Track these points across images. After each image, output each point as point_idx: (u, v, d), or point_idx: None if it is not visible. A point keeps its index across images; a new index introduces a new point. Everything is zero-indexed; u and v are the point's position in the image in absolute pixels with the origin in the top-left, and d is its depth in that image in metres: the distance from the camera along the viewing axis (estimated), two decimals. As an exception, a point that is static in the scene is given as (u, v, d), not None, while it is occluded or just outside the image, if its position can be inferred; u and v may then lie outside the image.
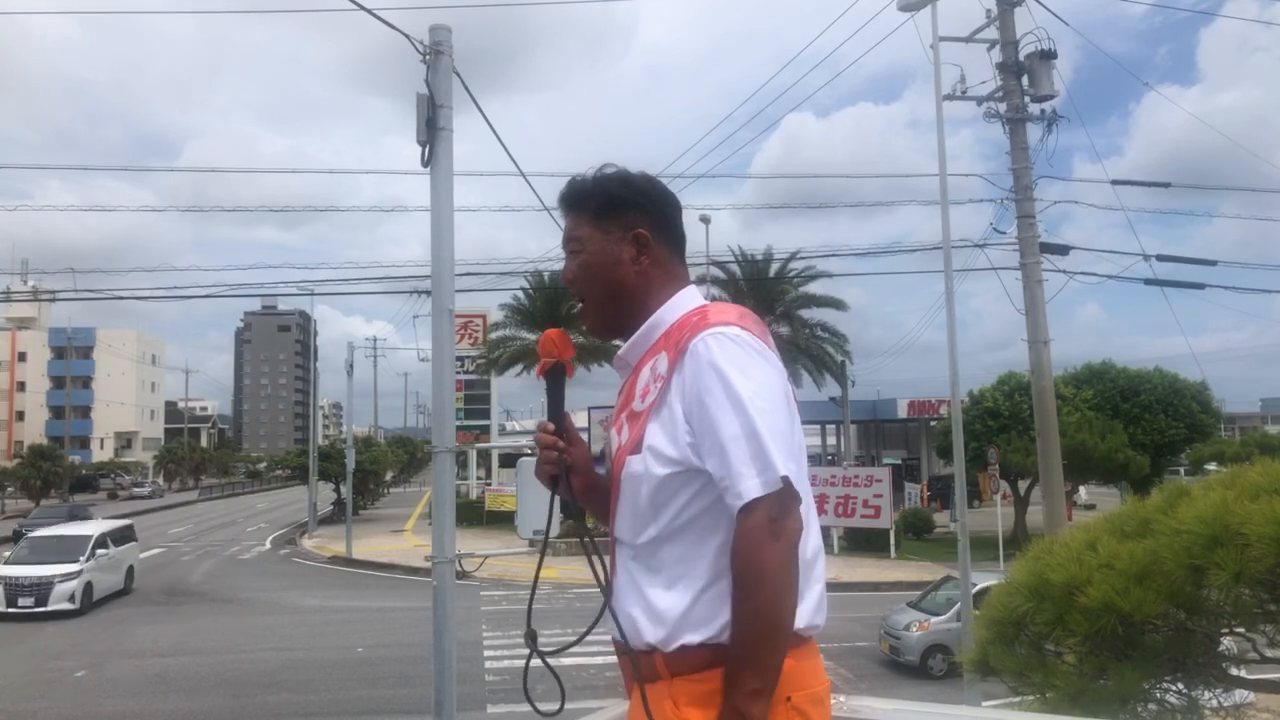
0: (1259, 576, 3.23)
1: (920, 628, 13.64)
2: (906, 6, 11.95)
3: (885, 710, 1.75)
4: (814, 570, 1.55)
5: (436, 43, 5.18)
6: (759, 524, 1.41)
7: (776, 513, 1.42)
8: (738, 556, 1.43)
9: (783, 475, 1.42)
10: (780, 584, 1.40)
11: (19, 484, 53.43)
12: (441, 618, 5.07)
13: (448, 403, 5.37)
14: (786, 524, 1.42)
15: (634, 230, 1.68)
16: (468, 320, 39.82)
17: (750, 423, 1.45)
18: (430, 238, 5.31)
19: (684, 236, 1.77)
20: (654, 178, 1.76)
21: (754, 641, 1.40)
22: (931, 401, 39.80)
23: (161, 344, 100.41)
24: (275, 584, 23.22)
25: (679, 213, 1.76)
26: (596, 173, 1.74)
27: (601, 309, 1.72)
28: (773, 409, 1.48)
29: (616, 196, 1.70)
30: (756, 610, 1.40)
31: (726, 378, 1.48)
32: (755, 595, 1.40)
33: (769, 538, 1.40)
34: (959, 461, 11.99)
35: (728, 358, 1.50)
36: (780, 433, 1.47)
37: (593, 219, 1.70)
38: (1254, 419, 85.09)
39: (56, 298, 23.87)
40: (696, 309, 1.64)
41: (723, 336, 1.53)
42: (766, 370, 1.52)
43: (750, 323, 1.60)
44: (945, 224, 11.92)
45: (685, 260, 1.77)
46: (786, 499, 1.43)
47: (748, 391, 1.47)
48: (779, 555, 1.40)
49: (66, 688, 12.80)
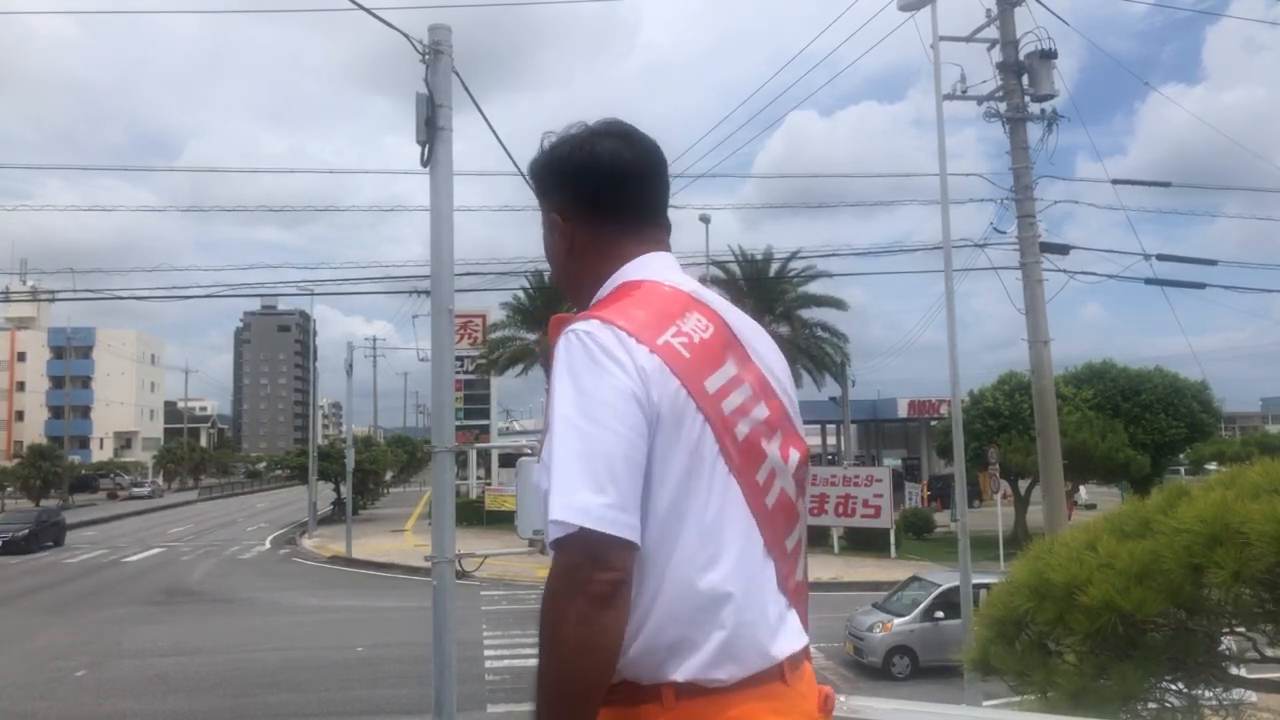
0: (1259, 576, 3.23)
1: (883, 629, 13.57)
2: (906, 6, 11.95)
3: (885, 710, 1.75)
4: (716, 615, 1.29)
5: (436, 42, 5.18)
6: (560, 571, 1.21)
7: (579, 559, 1.19)
8: (542, 603, 1.22)
9: (585, 515, 1.19)
10: (578, 643, 1.18)
11: (19, 484, 53.46)
12: (441, 618, 5.07)
13: (447, 403, 5.37)
14: (591, 575, 1.18)
15: (552, 214, 1.54)
16: (467, 320, 39.80)
17: (565, 446, 1.23)
18: (430, 237, 5.32)
19: (632, 198, 1.52)
20: (585, 139, 1.52)
21: (545, 699, 1.22)
22: (932, 401, 39.84)
23: (161, 344, 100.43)
24: (275, 584, 23.21)
25: (614, 175, 1.49)
26: (544, 145, 1.57)
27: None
28: (597, 428, 1.23)
29: (538, 179, 1.57)
30: (547, 666, 1.21)
31: (556, 389, 1.29)
32: (548, 650, 1.20)
33: (568, 589, 1.19)
34: (959, 461, 11.99)
35: (566, 365, 1.30)
36: (606, 456, 1.22)
37: (538, 203, 1.59)
38: (1254, 419, 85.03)
39: (56, 298, 23.91)
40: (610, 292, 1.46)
41: (572, 338, 1.32)
42: (601, 377, 1.27)
43: (627, 312, 1.35)
44: (945, 224, 11.94)
45: (647, 221, 1.53)
46: (595, 544, 1.19)
47: (568, 407, 1.26)
48: (577, 611, 1.18)
49: (66, 688, 12.79)
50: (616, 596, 1.21)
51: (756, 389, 1.43)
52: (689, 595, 1.29)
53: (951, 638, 11.55)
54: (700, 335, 1.38)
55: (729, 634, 1.30)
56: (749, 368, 1.44)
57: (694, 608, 1.29)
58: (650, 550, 1.28)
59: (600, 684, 1.23)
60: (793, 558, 1.44)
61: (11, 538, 30.32)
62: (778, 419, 1.44)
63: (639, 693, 1.30)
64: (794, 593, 1.44)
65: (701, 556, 1.30)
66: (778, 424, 1.44)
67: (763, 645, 1.33)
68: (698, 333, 1.38)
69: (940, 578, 14.76)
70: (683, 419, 1.31)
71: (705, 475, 1.32)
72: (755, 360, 1.46)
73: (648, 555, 1.28)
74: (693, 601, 1.29)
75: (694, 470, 1.31)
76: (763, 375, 1.45)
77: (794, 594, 1.44)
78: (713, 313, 1.44)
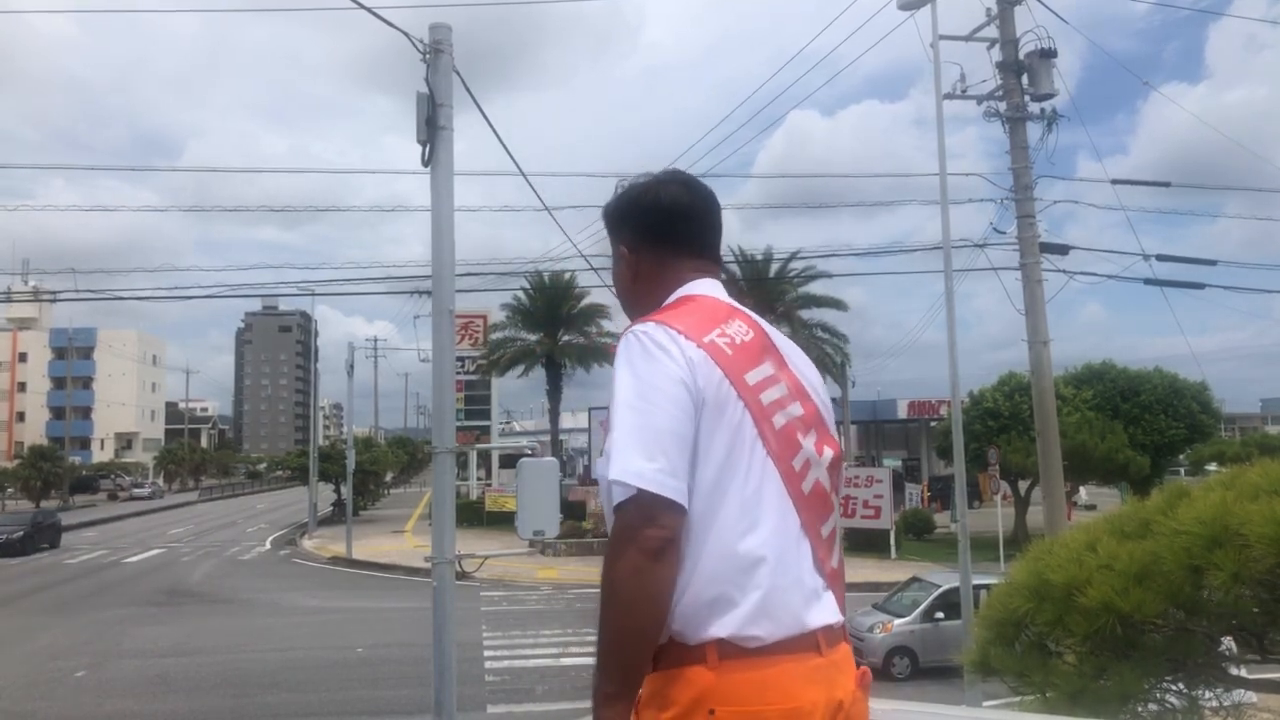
0: (1258, 577, 3.23)
1: (883, 629, 13.57)
2: (906, 5, 11.95)
3: (885, 711, 1.75)
4: (753, 575, 1.46)
5: (436, 41, 5.19)
6: (617, 530, 1.41)
7: (634, 519, 1.39)
8: (603, 560, 1.43)
9: (640, 478, 1.39)
10: (632, 593, 1.38)
11: (19, 485, 53.48)
12: (441, 618, 5.08)
13: (448, 403, 5.37)
14: (644, 531, 1.38)
15: (620, 247, 1.81)
16: (468, 320, 39.81)
17: (623, 423, 1.45)
18: (430, 238, 5.32)
19: (688, 233, 1.78)
20: (651, 185, 1.80)
21: (604, 647, 1.41)
22: (932, 402, 39.80)
23: (162, 344, 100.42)
24: (275, 584, 23.21)
25: (673, 214, 1.77)
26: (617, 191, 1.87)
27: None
28: (650, 407, 1.45)
29: (609, 219, 1.85)
30: (606, 616, 1.40)
31: (617, 379, 1.51)
32: (607, 601, 1.40)
33: (624, 544, 1.39)
34: (959, 462, 11.99)
35: (625, 358, 1.53)
36: (656, 431, 1.43)
37: (610, 239, 1.86)
38: (1254, 419, 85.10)
39: (57, 298, 23.90)
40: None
41: (631, 336, 1.55)
42: (654, 365, 1.49)
43: (680, 317, 1.59)
44: (945, 223, 11.94)
45: (700, 253, 1.79)
46: (646, 504, 1.39)
47: (627, 391, 1.47)
48: (631, 563, 1.38)
49: (66, 688, 12.79)
50: (667, 552, 1.40)
51: (792, 390, 1.62)
52: (729, 557, 1.46)
53: (951, 638, 11.56)
54: (742, 338, 1.60)
55: (764, 593, 1.46)
56: (785, 371, 1.63)
57: (734, 569, 1.46)
58: (696, 518, 1.46)
59: (651, 633, 1.41)
60: (828, 543, 1.60)
61: (6, 540, 30.24)
62: (812, 419, 1.63)
63: (685, 653, 1.44)
64: (831, 576, 1.58)
65: (741, 524, 1.48)
66: (812, 423, 1.63)
67: (796, 610, 1.48)
68: (739, 335, 1.60)
69: (940, 578, 14.75)
70: (725, 404, 1.50)
71: (745, 454, 1.51)
72: (791, 367, 1.65)
73: (694, 522, 1.46)
74: (733, 563, 1.46)
75: (735, 449, 1.50)
76: (798, 380, 1.65)
77: (831, 578, 1.58)
78: (754, 322, 1.66)
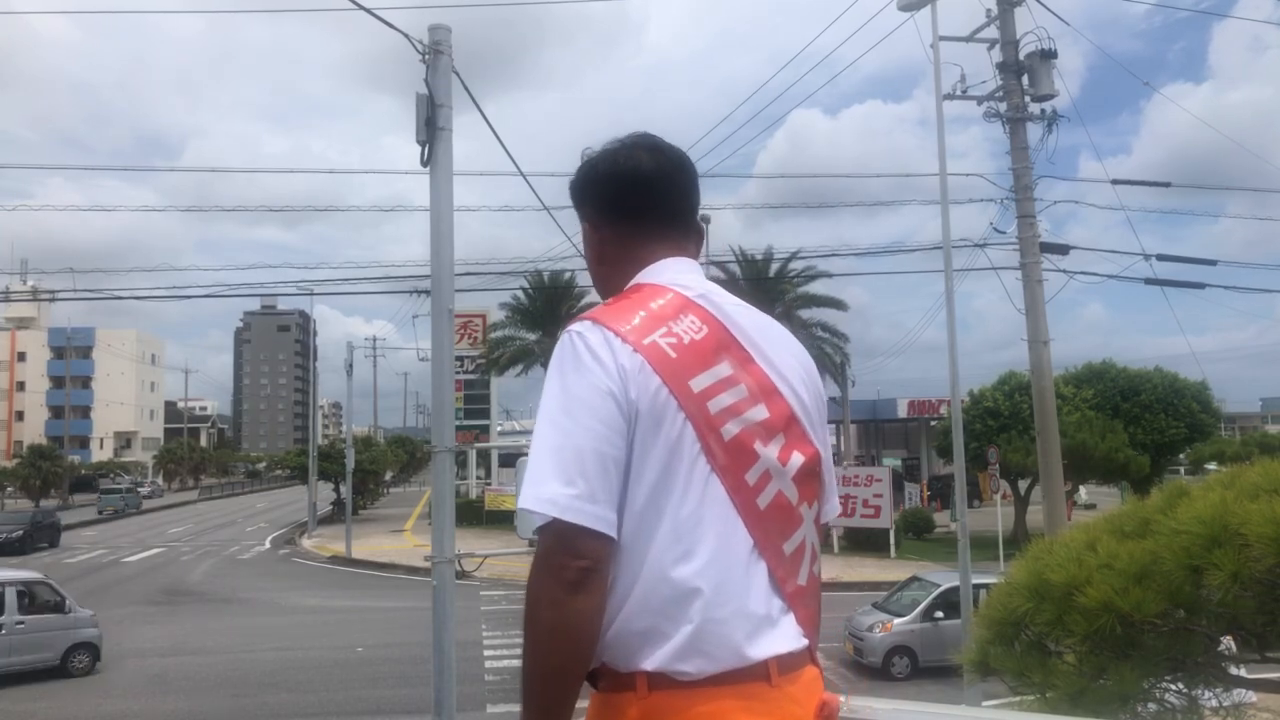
0: (1258, 577, 3.23)
1: (883, 629, 13.57)
2: (907, 6, 11.94)
3: (885, 710, 1.75)
4: (686, 608, 1.32)
5: (436, 42, 5.18)
6: (535, 560, 1.31)
7: (551, 548, 1.28)
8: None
9: (553, 505, 1.27)
10: (549, 626, 1.27)
11: (18, 484, 53.45)
12: (441, 618, 5.08)
13: (447, 403, 5.37)
14: (561, 561, 1.27)
15: (584, 224, 1.66)
16: (468, 320, 39.82)
17: (543, 441, 1.32)
18: (430, 237, 5.32)
19: (652, 204, 1.59)
20: (610, 152, 1.62)
21: (524, 684, 1.32)
22: (931, 401, 39.79)
23: (161, 344, 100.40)
24: (275, 584, 23.22)
25: (635, 183, 1.58)
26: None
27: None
28: (573, 424, 1.31)
29: (574, 189, 1.67)
30: (525, 651, 1.31)
31: (545, 388, 1.38)
32: (526, 635, 1.30)
33: (541, 574, 1.29)
34: (959, 461, 11.98)
35: (557, 364, 1.39)
36: (577, 451, 1.30)
37: (577, 214, 1.70)
38: (1254, 419, 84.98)
39: (56, 298, 23.94)
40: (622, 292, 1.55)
41: (565, 338, 1.41)
42: (582, 376, 1.34)
43: (621, 314, 1.43)
44: (945, 223, 11.93)
45: (669, 226, 1.60)
46: (564, 533, 1.27)
47: (552, 404, 1.35)
48: (548, 594, 1.27)
49: (67, 688, 12.80)
50: (586, 583, 1.28)
51: (755, 391, 1.43)
52: (660, 587, 1.33)
53: (951, 638, 11.55)
54: (691, 336, 1.42)
55: (696, 628, 1.32)
56: (749, 370, 1.45)
57: (664, 599, 1.33)
58: (628, 542, 1.33)
59: (572, 667, 1.30)
60: (793, 561, 1.44)
61: (5, 539, 30.25)
62: (781, 422, 1.44)
63: (618, 680, 1.35)
64: (794, 596, 1.43)
65: (675, 550, 1.34)
66: (780, 427, 1.44)
67: (736, 644, 1.34)
68: (689, 334, 1.42)
69: (940, 578, 14.75)
70: (663, 417, 1.35)
71: (683, 472, 1.35)
72: (760, 363, 1.46)
73: (625, 546, 1.33)
74: (663, 593, 1.33)
75: (672, 466, 1.35)
76: (766, 378, 1.46)
77: (794, 598, 1.43)
78: (709, 315, 1.46)
